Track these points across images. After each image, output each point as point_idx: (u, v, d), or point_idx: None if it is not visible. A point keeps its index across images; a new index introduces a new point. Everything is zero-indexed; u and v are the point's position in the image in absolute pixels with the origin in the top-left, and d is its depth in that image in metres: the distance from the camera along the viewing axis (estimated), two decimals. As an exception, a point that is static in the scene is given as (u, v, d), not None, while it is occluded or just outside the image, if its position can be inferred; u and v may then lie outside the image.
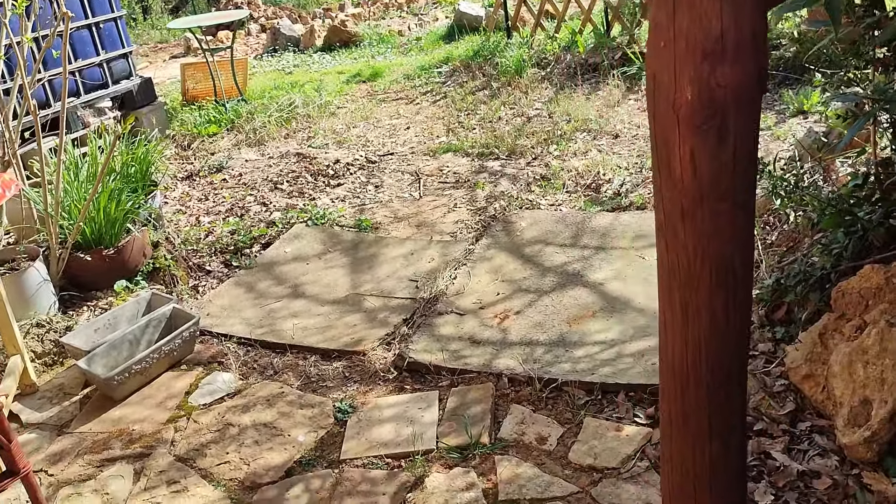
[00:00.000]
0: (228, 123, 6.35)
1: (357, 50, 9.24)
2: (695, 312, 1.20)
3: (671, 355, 1.28)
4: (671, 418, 1.38)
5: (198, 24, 6.16)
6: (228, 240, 4.43)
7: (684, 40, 1.03)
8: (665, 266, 1.24)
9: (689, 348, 1.23)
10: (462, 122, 6.03)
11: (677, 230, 1.16)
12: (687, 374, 1.25)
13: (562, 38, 7.06)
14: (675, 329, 1.24)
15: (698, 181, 1.12)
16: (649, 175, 4.50)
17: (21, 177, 3.61)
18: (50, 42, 3.52)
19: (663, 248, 1.23)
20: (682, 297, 1.21)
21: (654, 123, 1.17)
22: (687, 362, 1.24)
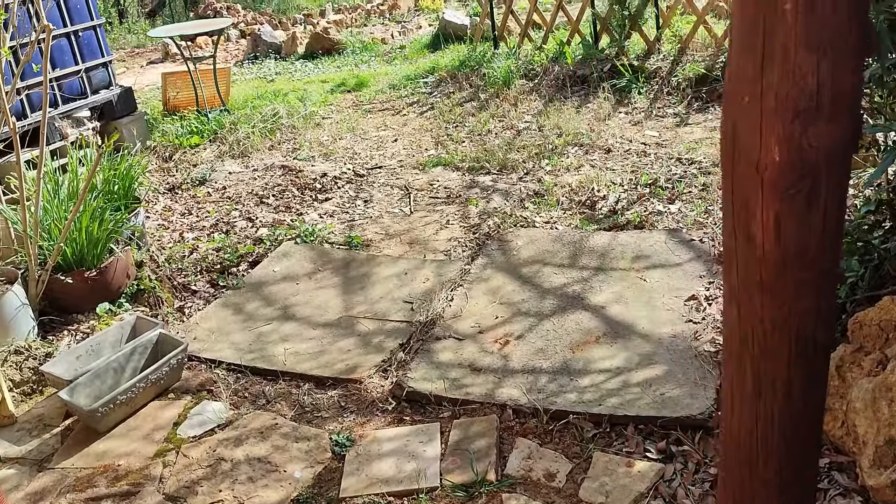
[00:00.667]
0: (211, 134, 6.20)
1: (340, 58, 9.12)
2: (770, 386, 1.10)
3: (738, 429, 1.19)
4: (734, 496, 1.27)
5: (180, 33, 6.01)
6: (214, 257, 4.29)
7: (774, 96, 0.94)
8: (736, 334, 1.14)
9: (761, 424, 1.14)
10: (451, 134, 5.93)
11: (754, 299, 1.07)
12: (756, 450, 1.16)
13: (549, 49, 6.99)
14: (745, 402, 1.15)
15: (782, 249, 1.03)
16: (644, 192, 4.43)
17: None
18: (29, 55, 3.37)
19: (735, 316, 1.13)
20: (755, 370, 1.12)
21: (730, 183, 1.07)
22: (757, 438, 1.15)
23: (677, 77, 6.07)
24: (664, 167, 4.75)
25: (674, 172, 4.64)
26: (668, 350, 3.00)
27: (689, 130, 5.35)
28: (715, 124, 5.37)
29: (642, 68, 6.26)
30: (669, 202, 4.28)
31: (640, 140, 5.29)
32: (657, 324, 3.18)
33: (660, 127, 5.50)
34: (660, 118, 5.67)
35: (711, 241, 3.71)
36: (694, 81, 5.92)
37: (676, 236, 3.83)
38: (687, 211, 4.13)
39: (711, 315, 3.16)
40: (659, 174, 4.63)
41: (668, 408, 2.67)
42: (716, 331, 3.05)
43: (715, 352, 2.92)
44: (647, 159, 4.93)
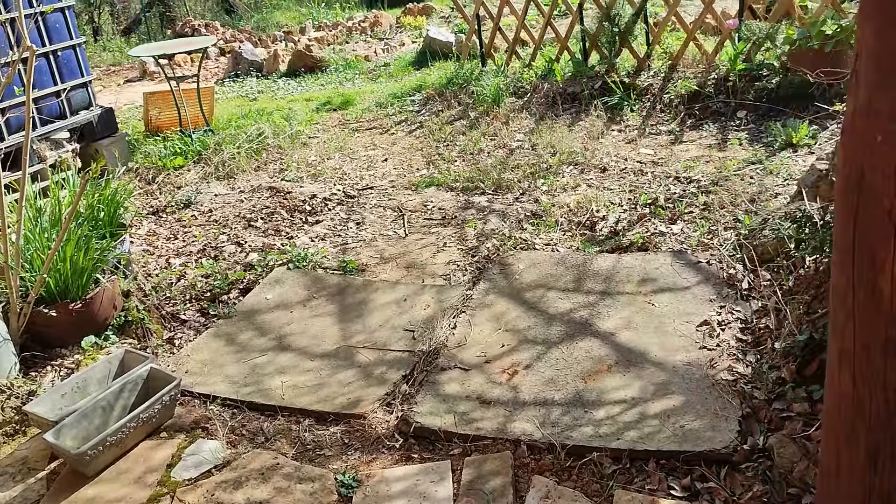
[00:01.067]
0: (195, 155, 6.03)
1: (324, 76, 9.01)
2: (887, 461, 0.99)
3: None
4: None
5: (161, 52, 5.85)
6: (203, 284, 4.13)
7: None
8: (849, 400, 1.02)
9: (874, 499, 1.02)
10: (442, 153, 5.83)
11: (875, 363, 0.95)
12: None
13: (538, 66, 6.93)
14: (855, 474, 1.03)
15: (916, 306, 0.91)
16: (644, 212, 4.35)
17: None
18: (10, 77, 3.21)
19: (848, 380, 1.01)
20: (870, 442, 1.00)
21: (851, 232, 0.94)
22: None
23: (669, 94, 6.02)
24: (662, 186, 4.67)
25: (673, 191, 4.57)
26: (683, 379, 2.89)
27: (685, 148, 5.29)
28: (710, 141, 5.32)
29: (633, 85, 6.21)
30: (671, 222, 4.20)
31: (636, 158, 5.22)
32: (670, 351, 3.07)
33: (654, 145, 5.43)
34: (654, 135, 5.61)
35: (719, 263, 3.62)
36: (686, 98, 5.87)
37: (682, 258, 3.74)
38: (690, 231, 4.05)
39: (725, 341, 3.07)
40: (658, 193, 4.55)
41: (690, 441, 2.56)
42: (731, 358, 2.95)
43: (733, 380, 2.82)
44: (644, 178, 4.86)
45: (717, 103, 5.74)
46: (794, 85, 5.43)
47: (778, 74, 5.62)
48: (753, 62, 5.80)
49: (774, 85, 5.58)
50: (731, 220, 4.07)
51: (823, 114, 5.12)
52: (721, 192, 4.40)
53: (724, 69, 5.91)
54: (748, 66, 5.78)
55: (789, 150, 4.89)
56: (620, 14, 6.41)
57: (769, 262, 3.46)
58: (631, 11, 6.43)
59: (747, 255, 3.54)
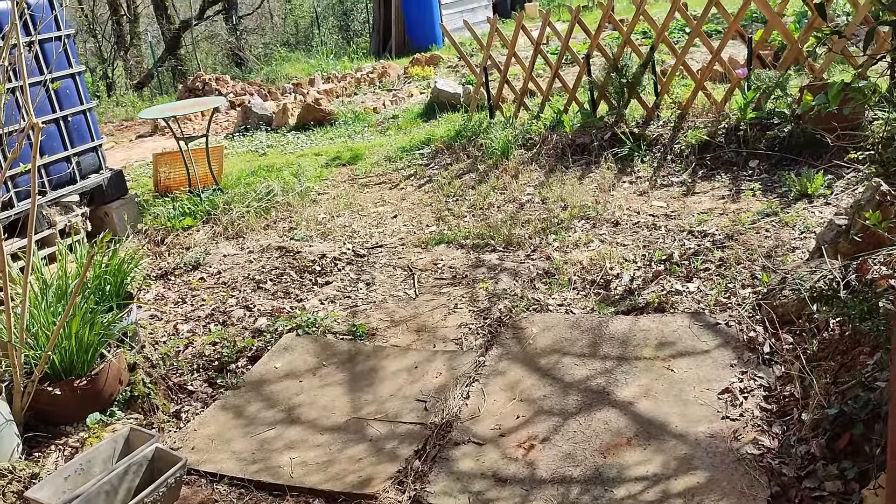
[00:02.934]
0: (204, 215, 6.02)
1: (333, 129, 9.05)
2: None
3: None
4: None
5: (173, 114, 5.89)
6: (211, 352, 4.06)
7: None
8: None
9: None
10: (451, 209, 5.79)
11: None
12: None
13: (547, 118, 6.92)
14: None
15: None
16: (659, 269, 4.26)
17: (-20, 300, 3.23)
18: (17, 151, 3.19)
19: None
20: None
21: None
22: None
23: (679, 144, 5.98)
24: (677, 241, 4.59)
25: (687, 247, 4.49)
26: (706, 453, 2.78)
27: (697, 200, 5.22)
28: (723, 192, 5.25)
29: (643, 135, 6.18)
30: (687, 280, 4.11)
31: (648, 211, 5.15)
32: (691, 421, 2.96)
33: (666, 197, 5.37)
34: (665, 187, 5.55)
35: (738, 325, 3.52)
36: (697, 148, 5.82)
37: (700, 320, 3.64)
38: (707, 290, 3.96)
39: (749, 411, 2.95)
40: (672, 249, 4.47)
41: (717, 524, 2.44)
42: (756, 430, 2.83)
43: (759, 455, 2.70)
44: (657, 233, 4.78)
45: (728, 153, 5.69)
46: (807, 134, 5.37)
47: (789, 123, 5.56)
48: (764, 110, 5.76)
49: (786, 133, 5.53)
50: (749, 276, 3.97)
51: (838, 163, 5.05)
52: (737, 247, 4.31)
53: (735, 118, 5.87)
54: (759, 114, 5.73)
55: (804, 200, 4.81)
56: (628, 64, 6.41)
57: (790, 324, 3.36)
58: (638, 62, 6.44)
59: (767, 317, 3.44)
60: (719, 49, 6.12)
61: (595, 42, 6.60)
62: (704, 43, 6.23)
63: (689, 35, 7.25)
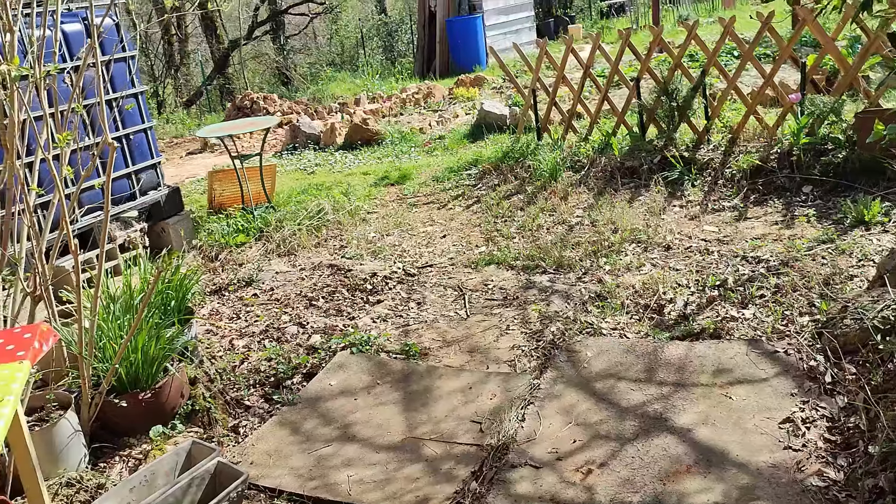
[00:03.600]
0: (257, 232, 6.14)
1: (380, 148, 9.16)
2: None
3: None
4: None
5: (227, 133, 6.04)
6: (267, 368, 4.13)
7: None
8: None
9: None
10: (500, 229, 5.82)
11: None
12: None
13: (595, 140, 6.93)
14: None
15: None
16: (713, 294, 4.23)
17: (52, 312, 3.34)
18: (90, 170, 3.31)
19: None
20: None
21: None
22: None
23: (731, 168, 5.94)
24: (730, 266, 4.56)
25: (742, 273, 4.45)
26: (770, 483, 2.74)
27: (750, 225, 5.18)
28: (776, 218, 5.20)
29: (693, 159, 6.15)
30: (742, 306, 4.07)
31: (700, 236, 5.12)
32: (752, 451, 2.93)
33: (718, 221, 5.33)
34: (716, 212, 5.51)
35: (798, 354, 3.48)
36: (749, 173, 5.78)
37: (758, 347, 3.61)
38: (763, 316, 3.92)
39: (812, 441, 2.92)
40: (726, 274, 4.43)
41: (782, 556, 2.41)
42: (821, 461, 2.79)
43: (825, 487, 2.66)
44: (710, 258, 4.75)
45: (781, 178, 5.64)
46: (863, 160, 5.30)
47: (844, 149, 5.50)
48: (818, 136, 5.70)
49: (841, 159, 5.46)
50: (806, 304, 3.93)
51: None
52: (792, 274, 4.26)
53: (787, 143, 5.81)
54: (812, 139, 5.68)
55: (861, 227, 4.74)
56: (678, 88, 6.40)
57: (853, 354, 3.31)
58: (688, 85, 6.42)
59: (828, 346, 3.40)
60: (772, 73, 6.08)
61: (645, 66, 6.61)
62: (757, 67, 6.20)
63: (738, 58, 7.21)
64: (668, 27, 15.16)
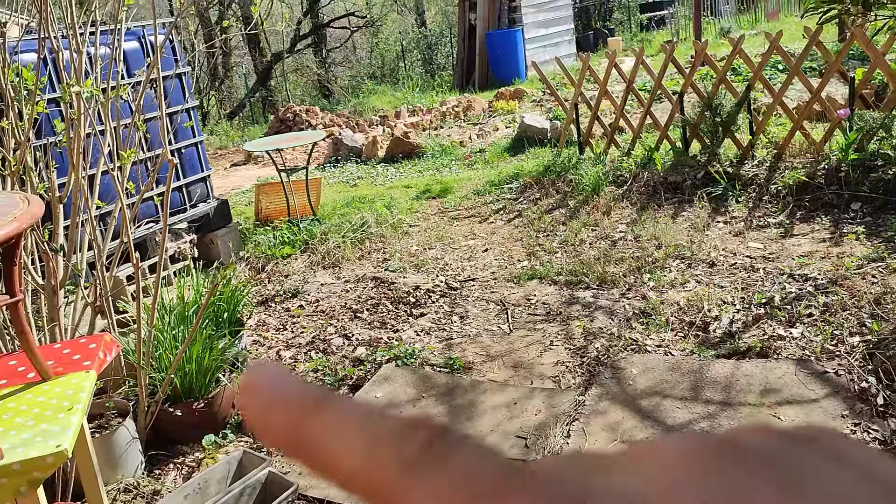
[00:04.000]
0: (302, 244, 6.25)
1: (421, 161, 9.24)
2: None
3: None
4: None
5: (275, 146, 6.17)
6: (313, 380, 4.20)
7: None
8: None
9: None
10: (542, 244, 5.84)
11: None
12: None
13: (637, 155, 6.92)
14: None
15: None
16: (759, 312, 4.20)
17: (112, 322, 3.46)
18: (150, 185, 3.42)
19: None
20: None
21: None
22: None
23: (776, 184, 5.89)
24: (776, 284, 4.52)
25: (788, 290, 4.41)
26: (820, 506, 2.72)
27: (796, 242, 5.13)
28: (824, 235, 5.14)
29: (738, 175, 6.11)
30: (790, 325, 4.04)
31: (745, 253, 5.09)
32: (802, 472, 2.91)
33: (763, 238, 5.29)
34: (761, 228, 5.47)
35: (848, 375, 3.44)
36: (795, 189, 5.72)
37: (806, 367, 3.58)
38: (811, 336, 3.88)
39: (864, 464, 2.88)
40: (773, 292, 4.40)
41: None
42: (873, 484, 2.76)
43: (877, 511, 2.63)
44: (756, 275, 4.72)
45: (828, 194, 5.57)
46: (914, 177, 5.23)
47: (894, 165, 5.42)
48: (867, 152, 5.63)
49: (891, 176, 5.39)
50: (856, 324, 3.88)
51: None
52: (841, 293, 4.21)
53: (835, 159, 5.75)
54: (861, 155, 5.61)
55: (913, 246, 4.67)
56: (722, 103, 6.37)
57: (908, 378, 3.27)
58: (732, 99, 6.39)
59: (880, 367, 3.36)
60: (819, 88, 6.02)
61: (689, 80, 6.60)
62: (803, 82, 6.15)
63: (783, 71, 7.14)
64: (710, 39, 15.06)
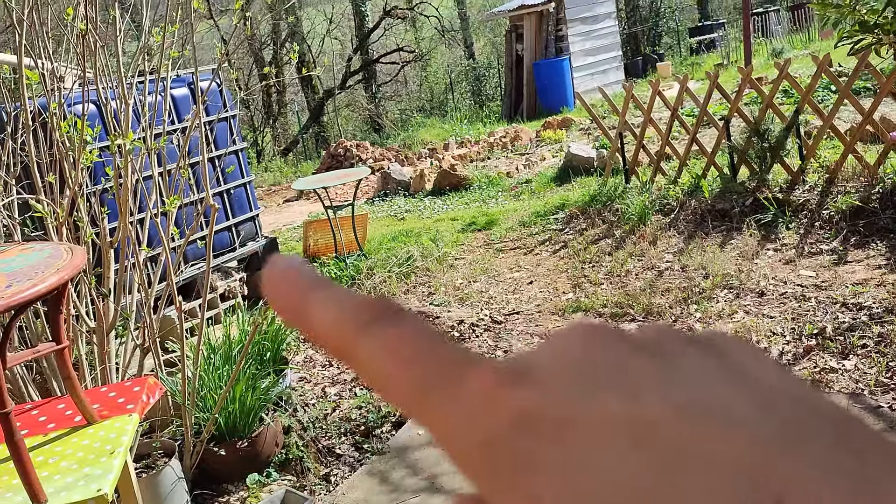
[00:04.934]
0: (349, 280, 6.33)
1: (468, 193, 9.30)
2: None
3: None
4: None
5: (322, 185, 6.31)
6: (357, 417, 4.23)
7: None
8: None
9: None
10: (587, 275, 5.80)
11: None
12: None
13: (684, 183, 6.83)
14: None
15: None
16: (810, 344, 4.08)
17: (159, 363, 3.56)
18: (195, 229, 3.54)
19: None
20: None
21: None
22: None
23: (828, 210, 5.74)
24: (828, 314, 4.39)
25: (841, 320, 4.27)
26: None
27: (850, 269, 4.98)
28: (879, 262, 4.97)
29: (787, 201, 5.98)
30: (843, 357, 3.91)
31: (796, 281, 4.96)
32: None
33: (815, 266, 5.15)
34: (813, 255, 5.33)
35: (903, 409, 3.32)
36: (848, 214, 5.56)
37: (860, 402, 3.45)
38: (865, 368, 3.75)
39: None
40: (824, 322, 4.27)
41: None
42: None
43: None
44: (807, 304, 4.59)
45: (884, 219, 5.40)
46: (974, 199, 5.04)
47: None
48: None
49: (948, 199, 5.20)
50: (913, 355, 3.74)
51: None
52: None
53: (890, 182, 5.58)
54: (891, 175, 5.44)
55: (973, 272, 4.48)
56: (770, 128, 6.26)
57: (964, 411, 3.13)
58: (780, 124, 6.27)
59: (937, 402, 3.22)
60: (871, 110, 5.87)
61: (735, 106, 6.51)
62: (854, 104, 6.00)
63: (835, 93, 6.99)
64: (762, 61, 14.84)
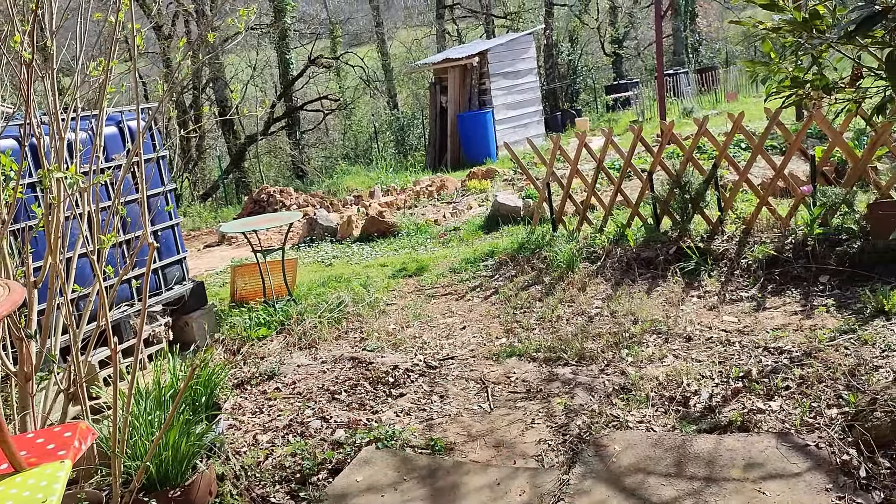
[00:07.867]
0: (278, 325, 6.20)
1: (396, 240, 9.31)
2: None
3: None
4: None
5: (251, 228, 6.20)
6: (292, 464, 4.10)
7: None
8: None
9: None
10: (519, 321, 5.86)
11: None
12: None
13: (610, 232, 7.05)
14: None
15: None
16: (737, 386, 4.23)
17: (86, 409, 3.37)
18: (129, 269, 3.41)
19: None
20: None
21: None
22: None
23: (746, 259, 6.02)
24: (753, 357, 4.57)
25: (765, 364, 4.46)
26: (811, 583, 2.69)
27: (769, 315, 5.21)
28: (795, 308, 5.23)
29: (708, 250, 6.24)
30: (768, 398, 4.06)
31: (720, 326, 5.15)
32: (791, 549, 2.88)
33: (737, 311, 5.37)
34: (735, 302, 5.56)
35: (829, 447, 3.46)
36: (765, 263, 5.85)
37: (788, 441, 3.58)
38: (790, 408, 3.91)
39: (851, 539, 2.87)
40: (749, 365, 4.44)
41: None
42: (862, 560, 2.75)
43: (868, 587, 2.61)
44: (732, 348, 4.77)
45: (797, 268, 5.70)
46: (878, 250, 5.38)
47: (858, 238, 5.59)
48: (831, 226, 5.80)
49: (857, 249, 5.54)
50: (833, 396, 3.92)
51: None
52: (816, 365, 4.27)
53: (801, 233, 5.91)
54: (826, 230, 5.78)
55: (882, 318, 4.76)
56: (690, 181, 6.56)
57: (886, 447, 3.29)
58: (700, 177, 6.58)
59: (860, 439, 3.38)
60: (782, 166, 6.24)
61: (657, 160, 6.80)
62: (767, 161, 6.37)
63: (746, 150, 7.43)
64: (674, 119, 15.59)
